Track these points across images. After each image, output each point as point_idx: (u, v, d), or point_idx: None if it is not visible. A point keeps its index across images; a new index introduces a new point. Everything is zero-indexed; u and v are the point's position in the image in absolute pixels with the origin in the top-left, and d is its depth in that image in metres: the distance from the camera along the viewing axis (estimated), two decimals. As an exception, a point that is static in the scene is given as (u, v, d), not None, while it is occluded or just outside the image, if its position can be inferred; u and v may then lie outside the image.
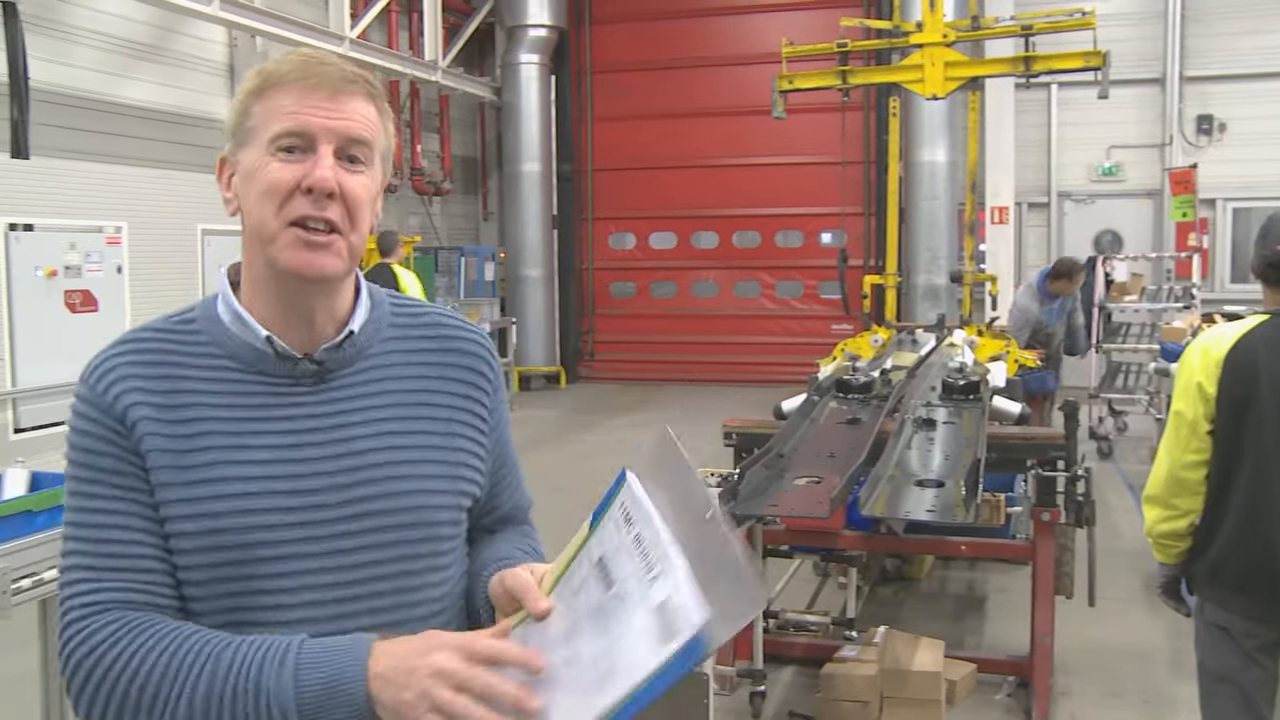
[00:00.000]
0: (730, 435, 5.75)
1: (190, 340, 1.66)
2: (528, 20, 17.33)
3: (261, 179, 1.60)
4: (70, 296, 8.86)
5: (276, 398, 1.65)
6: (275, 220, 1.59)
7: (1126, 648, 6.05)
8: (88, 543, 1.57)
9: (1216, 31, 15.42)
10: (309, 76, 1.62)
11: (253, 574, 1.57)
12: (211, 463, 1.59)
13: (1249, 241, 15.67)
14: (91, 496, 1.58)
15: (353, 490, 1.63)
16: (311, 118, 1.61)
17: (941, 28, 9.15)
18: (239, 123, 1.66)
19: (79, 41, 10.60)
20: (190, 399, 1.62)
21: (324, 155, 1.60)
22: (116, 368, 1.62)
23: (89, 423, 1.60)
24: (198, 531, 1.56)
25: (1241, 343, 3.40)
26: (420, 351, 1.77)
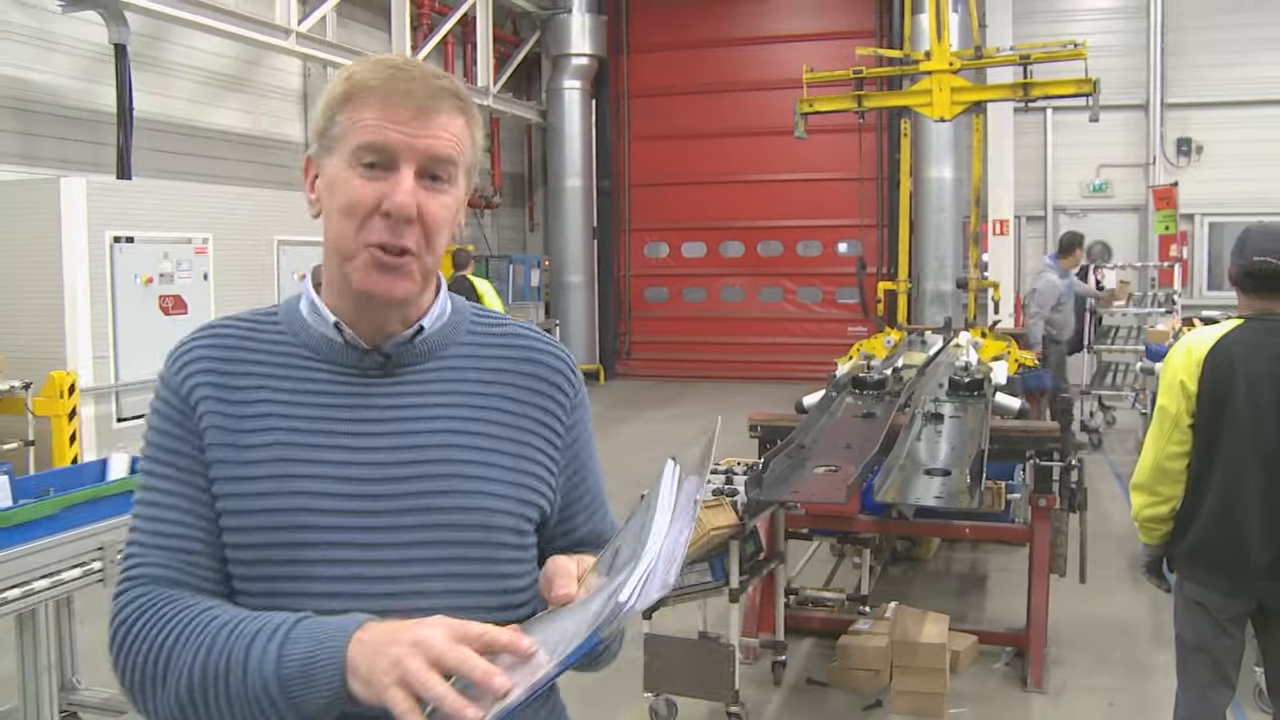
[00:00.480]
0: (755, 428, 5.78)
1: (270, 331, 1.55)
2: (571, 50, 17.38)
3: (342, 193, 1.45)
4: (164, 301, 8.99)
5: (341, 386, 1.51)
6: (354, 241, 1.45)
7: (1113, 621, 6.06)
8: (142, 519, 1.49)
9: (1194, 63, 15.42)
10: (395, 90, 1.45)
11: (299, 558, 1.43)
12: (268, 444, 1.46)
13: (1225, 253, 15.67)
14: (152, 475, 1.49)
15: (407, 484, 1.47)
16: (395, 134, 1.43)
17: (948, 57, 9.16)
18: (324, 128, 1.49)
19: (176, 75, 10.79)
20: (255, 382, 1.50)
21: (405, 177, 1.43)
22: (192, 351, 1.52)
23: (161, 403, 1.51)
24: (248, 510, 1.44)
25: (1220, 344, 3.44)
26: (496, 359, 1.60)
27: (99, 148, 9.61)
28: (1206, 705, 3.57)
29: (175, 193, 9.31)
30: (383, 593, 1.43)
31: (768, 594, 5.47)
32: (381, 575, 1.44)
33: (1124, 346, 12.08)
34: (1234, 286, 3.57)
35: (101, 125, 9.62)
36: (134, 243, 8.66)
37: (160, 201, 9.01)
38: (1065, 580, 5.44)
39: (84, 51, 9.70)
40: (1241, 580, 3.42)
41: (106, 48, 9.38)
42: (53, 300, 8.26)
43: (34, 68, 9.35)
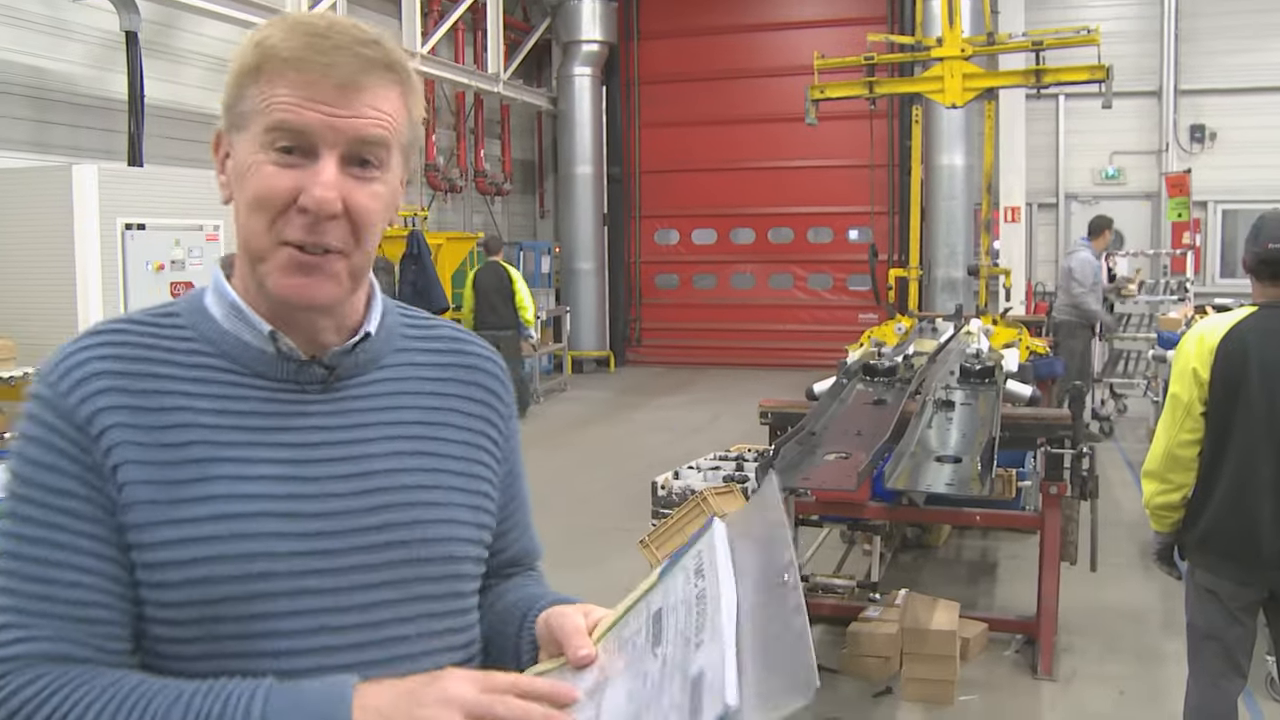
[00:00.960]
0: (766, 415, 5.77)
1: (173, 336, 1.27)
2: (581, 36, 17.35)
3: (252, 183, 1.22)
4: (175, 288, 8.98)
5: (278, 405, 1.26)
6: (265, 237, 1.22)
7: (1123, 608, 6.05)
8: (18, 579, 1.16)
9: (1208, 49, 15.31)
10: (313, 63, 1.20)
11: (252, 613, 1.19)
12: (201, 478, 1.19)
13: (1238, 240, 15.62)
14: (29, 521, 1.17)
15: (369, 517, 1.26)
16: (313, 115, 1.20)
17: (960, 43, 9.12)
18: (232, 101, 1.25)
19: (187, 62, 10.79)
20: (173, 402, 1.22)
21: (325, 166, 1.20)
22: (86, 364, 1.21)
23: (42, 428, 1.19)
24: (186, 561, 1.17)
25: (1233, 332, 3.43)
26: (436, 365, 1.40)
27: (110, 135, 9.62)
28: (1218, 694, 3.57)
29: (187, 180, 9.31)
30: (352, 644, 1.23)
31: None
32: (352, 624, 1.23)
33: (1136, 334, 12.04)
34: (1248, 274, 3.56)
35: (113, 112, 9.63)
36: (145, 230, 8.67)
37: (172, 189, 9.01)
38: (1076, 568, 5.43)
39: (95, 39, 9.71)
40: (1253, 568, 3.42)
41: (118, 35, 9.38)
42: (65, 287, 8.28)
43: (46, 55, 9.37)
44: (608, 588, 1.67)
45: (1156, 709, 4.82)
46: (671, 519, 4.62)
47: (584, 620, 1.25)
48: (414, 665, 1.24)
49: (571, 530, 7.60)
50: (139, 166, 9.22)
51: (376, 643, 1.24)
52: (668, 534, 4.61)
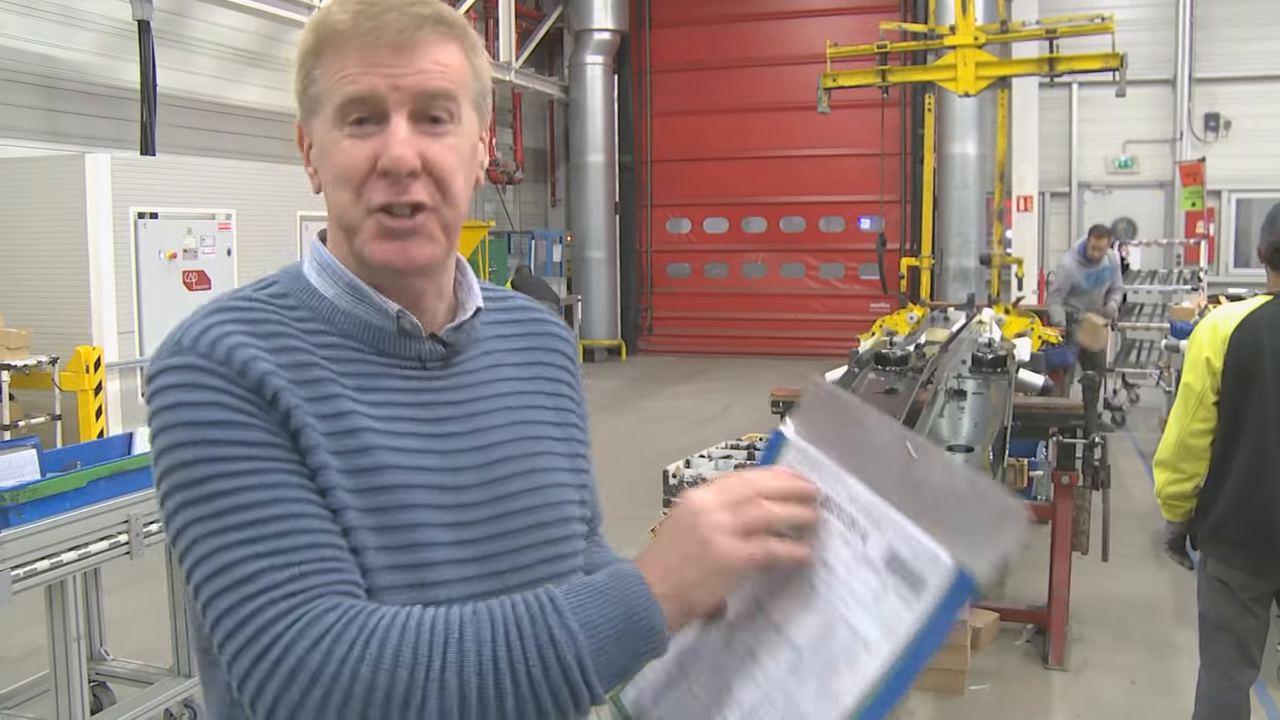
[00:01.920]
0: (777, 403, 5.77)
1: (290, 315, 1.25)
2: (593, 25, 17.33)
3: (333, 161, 1.23)
4: (187, 276, 9.03)
5: (406, 382, 1.28)
6: (355, 209, 1.23)
7: (1135, 599, 6.04)
8: (256, 527, 1.11)
9: (1223, 37, 15.24)
10: (365, 29, 1.21)
11: (422, 580, 1.20)
12: (367, 447, 1.20)
13: (1252, 230, 15.54)
14: (240, 475, 1.13)
15: (497, 486, 1.29)
16: (376, 78, 1.20)
17: (973, 31, 9.08)
18: (303, 87, 1.26)
19: (199, 51, 10.82)
20: (319, 373, 1.21)
21: (397, 126, 1.21)
22: (231, 334, 1.18)
23: (211, 392, 1.14)
24: (368, 528, 1.17)
25: (1247, 321, 3.41)
26: (520, 336, 1.44)
27: (123, 124, 9.65)
28: (1229, 684, 3.56)
29: (198, 169, 9.34)
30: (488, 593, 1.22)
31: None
32: (494, 588, 1.23)
33: (1148, 324, 12.00)
34: (1264, 263, 3.54)
35: (125, 101, 9.66)
36: (158, 219, 8.70)
37: (184, 177, 9.04)
38: (1087, 558, 5.43)
39: (108, 28, 9.74)
40: (1266, 558, 3.40)
41: (130, 24, 9.40)
42: (78, 276, 8.32)
43: (59, 44, 9.40)
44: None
45: (1168, 700, 4.81)
46: (682, 508, 4.61)
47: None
48: None
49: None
50: (151, 155, 9.25)
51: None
52: (678, 523, 4.61)
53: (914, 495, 1.02)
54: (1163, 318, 11.58)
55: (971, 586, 0.96)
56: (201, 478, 1.13)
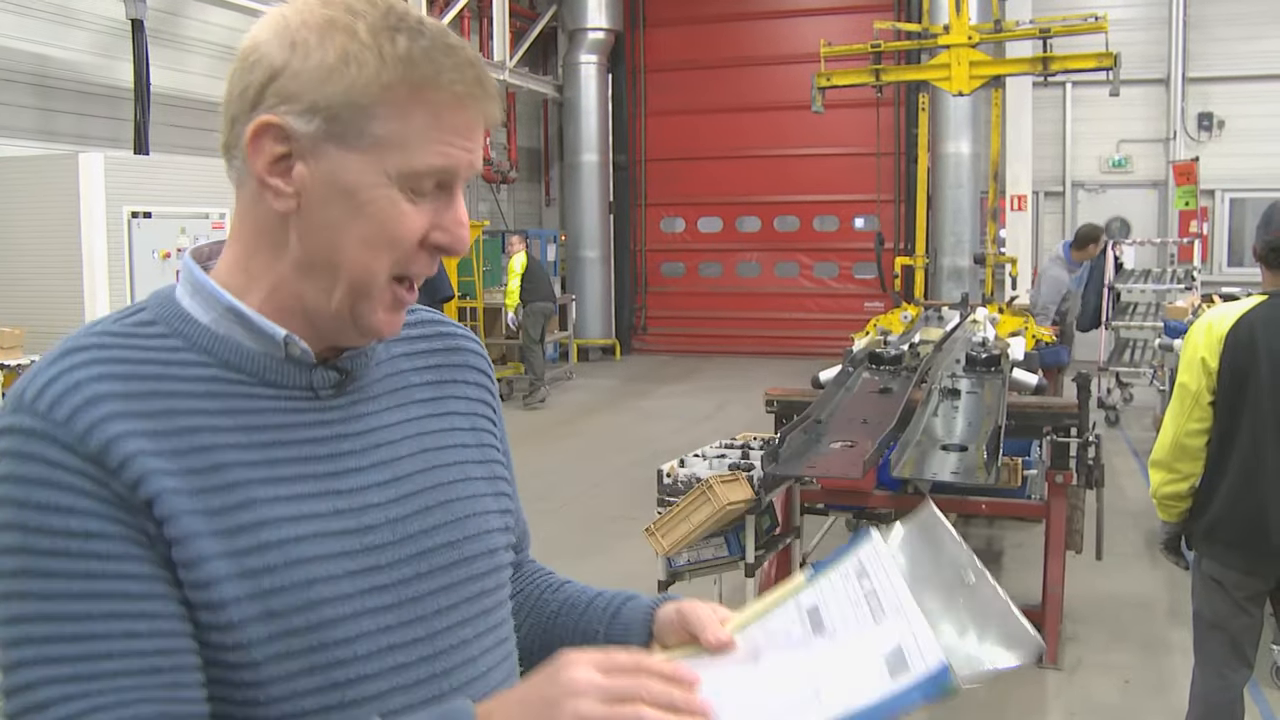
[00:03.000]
0: (772, 403, 5.77)
1: (160, 346, 1.11)
2: (587, 24, 17.31)
3: (381, 219, 1.09)
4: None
5: (297, 415, 1.14)
6: (382, 273, 1.12)
7: (1129, 598, 6.05)
8: (58, 644, 0.98)
9: (1216, 37, 15.26)
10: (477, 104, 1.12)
11: (321, 642, 1.09)
12: (244, 503, 1.07)
13: (1245, 229, 15.56)
14: (51, 576, 0.99)
15: (412, 523, 1.18)
16: (462, 154, 1.11)
17: (967, 30, 9.06)
18: (342, 110, 1.07)
19: (192, 50, 10.78)
20: (189, 422, 1.07)
21: (460, 204, 1.13)
22: (81, 386, 1.04)
23: (41, 466, 1.00)
24: (249, 596, 1.05)
25: (1242, 321, 3.41)
26: (426, 353, 1.32)
27: (117, 123, 9.62)
28: (1223, 683, 3.56)
29: (192, 168, 9.31)
30: (421, 656, 1.16)
31: (783, 569, 5.47)
32: (417, 637, 1.16)
33: (1142, 323, 12.01)
34: (1259, 262, 3.55)
35: (119, 101, 9.63)
36: (151, 218, 8.67)
37: (177, 176, 9.01)
38: (1081, 557, 5.43)
39: (101, 27, 9.71)
40: (1260, 558, 3.41)
41: (124, 23, 9.37)
42: (71, 275, 8.29)
43: (52, 43, 9.36)
44: (614, 575, 1.66)
45: (1162, 698, 4.81)
46: (677, 507, 4.61)
47: (714, 613, 1.21)
48: (475, 668, 1.20)
49: (577, 518, 7.61)
50: (145, 155, 9.22)
51: (443, 651, 1.18)
52: (673, 522, 4.61)
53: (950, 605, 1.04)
54: (1156, 317, 11.60)
55: (946, 684, 0.97)
56: (15, 570, 1.00)
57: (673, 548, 4.51)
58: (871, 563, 1.14)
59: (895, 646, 1.01)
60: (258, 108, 1.10)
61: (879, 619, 1.06)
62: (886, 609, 1.06)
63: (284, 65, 1.09)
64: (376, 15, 1.10)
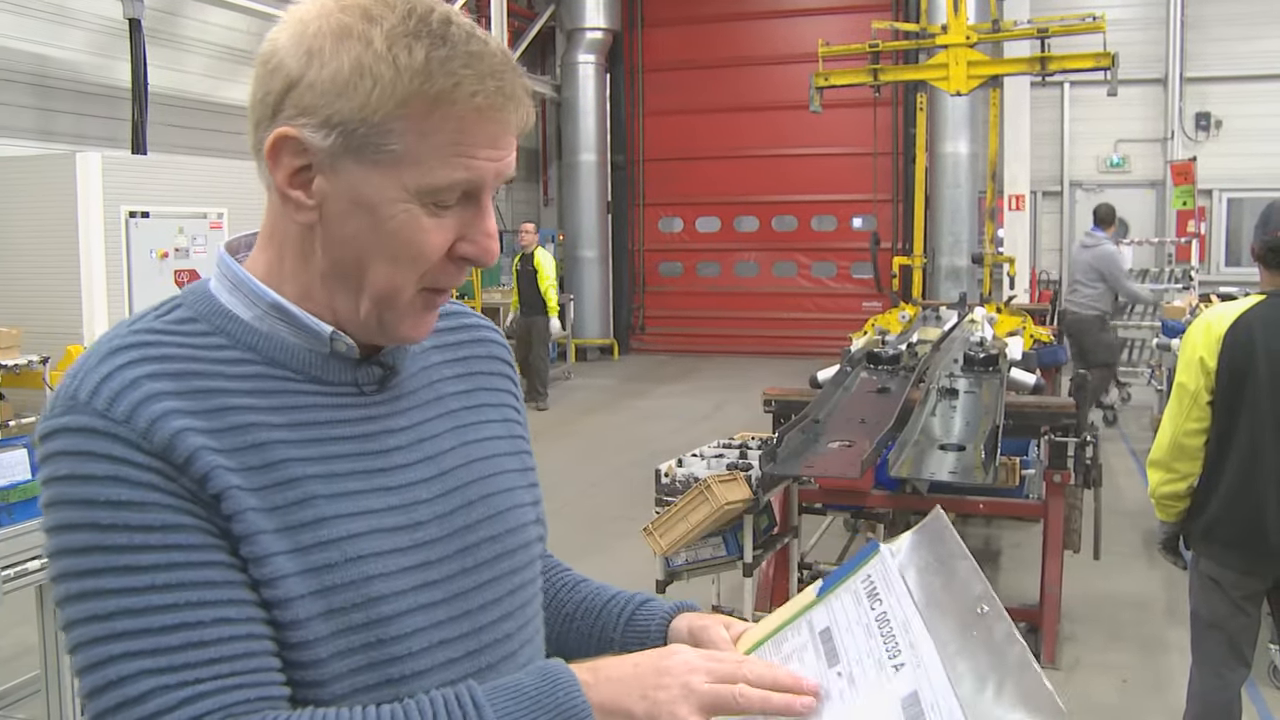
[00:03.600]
0: (770, 403, 5.77)
1: (203, 344, 1.10)
2: (585, 24, 17.31)
3: (403, 235, 1.08)
4: (179, 276, 8.99)
5: (344, 411, 1.15)
6: (412, 288, 1.11)
7: (1127, 597, 6.05)
8: (150, 635, 0.98)
9: (1214, 37, 15.27)
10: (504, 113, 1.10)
11: (381, 637, 1.09)
12: (303, 500, 1.07)
13: (1243, 229, 15.55)
14: (136, 571, 0.99)
15: (458, 517, 1.19)
16: (489, 165, 1.10)
17: (965, 30, 9.07)
18: (359, 127, 1.05)
19: (190, 50, 10.78)
20: (243, 419, 1.07)
21: (489, 213, 1.12)
22: (137, 382, 1.03)
23: (108, 463, 1.00)
24: (312, 593, 1.06)
25: (1240, 321, 3.41)
26: (455, 345, 1.32)
27: (114, 123, 9.61)
28: (1221, 683, 3.56)
29: (190, 168, 9.30)
30: (469, 651, 1.17)
31: (781, 568, 5.47)
32: (465, 631, 1.17)
33: (1140, 323, 12.02)
34: (1256, 262, 3.55)
35: (117, 100, 9.62)
36: (149, 218, 8.67)
37: (175, 176, 9.00)
38: (1079, 556, 5.43)
39: (99, 26, 9.70)
40: (1258, 557, 3.41)
41: (121, 23, 9.36)
42: (69, 275, 8.28)
43: (50, 43, 9.36)
44: (613, 575, 1.66)
45: (1160, 698, 4.82)
46: (675, 507, 4.61)
47: (727, 633, 1.21)
48: (515, 661, 1.21)
49: (576, 517, 7.61)
50: (143, 154, 9.21)
51: (488, 645, 1.19)
52: (671, 521, 4.60)
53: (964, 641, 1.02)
54: (1154, 316, 11.61)
55: None
56: (93, 569, 0.99)
57: (671, 547, 4.51)
58: (881, 581, 1.12)
59: (911, 693, 1.00)
60: (277, 116, 1.08)
61: (893, 653, 1.04)
62: (900, 641, 1.05)
63: (300, 75, 1.07)
64: (394, 20, 1.06)
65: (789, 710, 1.03)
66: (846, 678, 1.05)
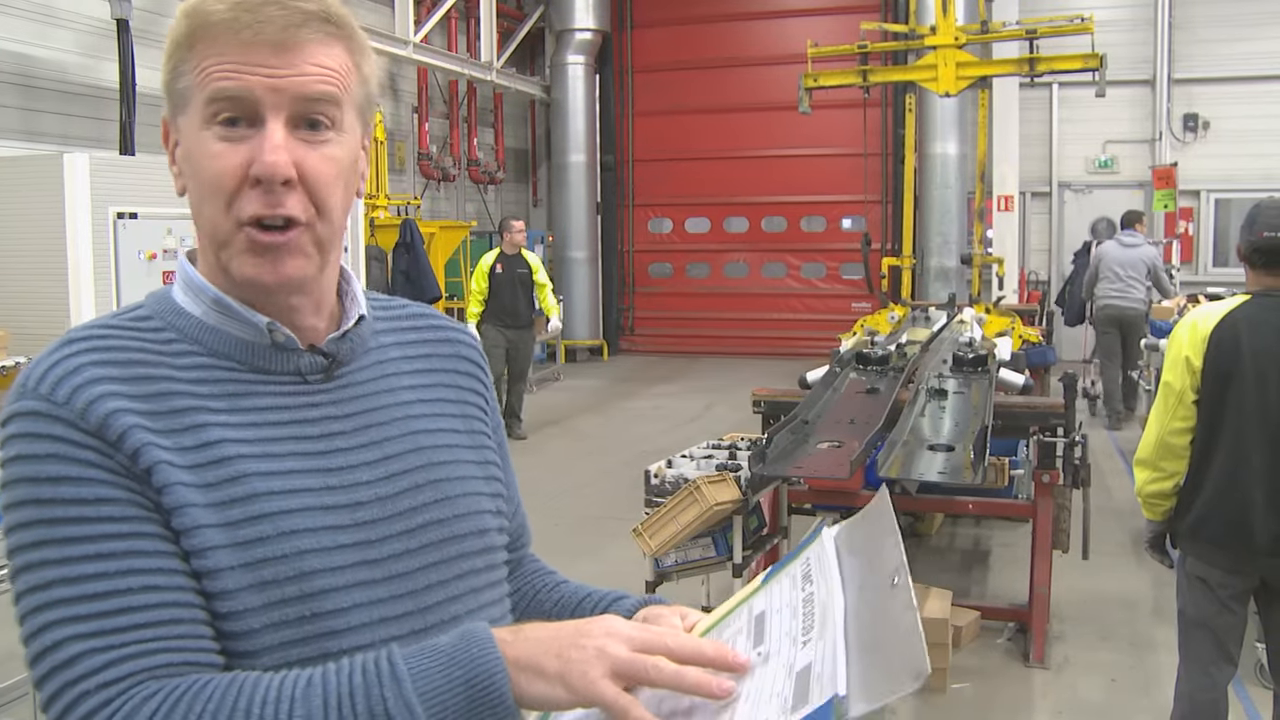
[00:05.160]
0: (759, 403, 5.77)
1: (156, 338, 1.18)
2: (574, 24, 17.31)
3: (202, 165, 1.15)
4: (167, 277, 8.93)
5: (286, 398, 1.21)
6: (225, 221, 1.15)
7: (1115, 596, 6.07)
8: (81, 603, 1.04)
9: (1201, 38, 15.34)
10: (244, 22, 1.13)
11: (313, 612, 1.13)
12: (237, 477, 1.13)
13: (1230, 229, 15.65)
14: (69, 541, 1.05)
15: (399, 500, 1.23)
16: (252, 77, 1.13)
17: (953, 31, 9.10)
18: (170, 80, 1.18)
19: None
20: (183, 403, 1.14)
21: (273, 131, 1.13)
22: (80, 369, 1.11)
23: (48, 442, 1.08)
24: (242, 565, 1.10)
25: (1226, 320, 3.43)
26: (417, 344, 1.38)
27: (102, 123, 9.59)
28: (1208, 681, 3.58)
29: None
30: (413, 630, 1.19)
31: (771, 569, 5.47)
32: (408, 610, 1.20)
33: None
34: (1242, 262, 3.57)
35: (104, 101, 9.60)
36: (137, 219, 8.64)
37: (164, 177, 8.61)
38: (1068, 556, 5.45)
39: (86, 26, 9.67)
40: (1244, 556, 3.43)
41: (109, 23, 9.33)
42: (56, 277, 8.25)
43: (36, 43, 9.32)
44: (602, 576, 1.66)
45: (1148, 696, 4.84)
46: (664, 507, 4.61)
47: (681, 623, 1.22)
48: None
49: (565, 519, 7.61)
50: (131, 155, 9.18)
51: (434, 625, 1.21)
52: (660, 522, 4.61)
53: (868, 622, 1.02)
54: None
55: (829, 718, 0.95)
56: (36, 542, 1.06)
57: (660, 548, 4.51)
58: (817, 564, 1.15)
59: (806, 665, 1.01)
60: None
61: (806, 629, 1.06)
62: (816, 619, 1.06)
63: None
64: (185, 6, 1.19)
65: (703, 689, 1.02)
66: (764, 657, 1.07)
